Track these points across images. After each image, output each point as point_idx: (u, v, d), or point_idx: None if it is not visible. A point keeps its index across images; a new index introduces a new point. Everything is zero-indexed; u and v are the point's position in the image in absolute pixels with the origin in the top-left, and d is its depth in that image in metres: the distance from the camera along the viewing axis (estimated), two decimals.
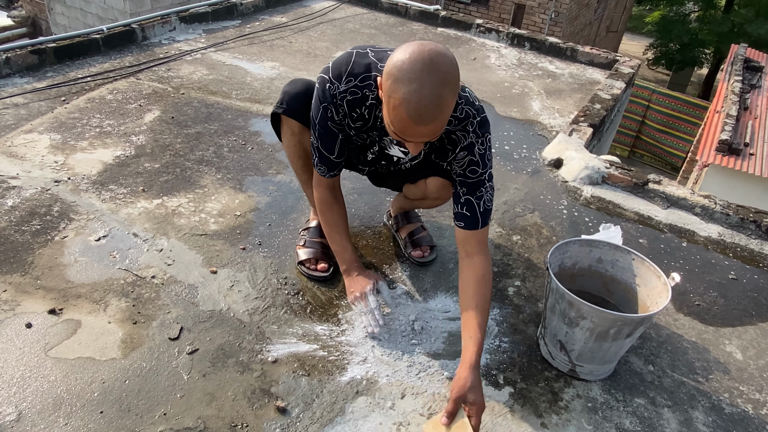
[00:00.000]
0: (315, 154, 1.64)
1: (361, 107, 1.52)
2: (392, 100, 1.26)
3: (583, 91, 3.78)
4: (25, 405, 1.35)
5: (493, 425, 1.45)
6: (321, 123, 1.57)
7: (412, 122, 1.26)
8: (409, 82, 1.23)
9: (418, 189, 1.81)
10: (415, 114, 1.24)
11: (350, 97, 1.50)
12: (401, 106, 1.25)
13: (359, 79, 1.48)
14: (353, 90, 1.49)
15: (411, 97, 1.23)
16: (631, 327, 1.48)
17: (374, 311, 1.66)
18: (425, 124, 1.26)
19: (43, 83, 2.88)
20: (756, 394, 1.65)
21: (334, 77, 1.50)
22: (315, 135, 1.60)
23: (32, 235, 1.88)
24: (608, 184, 2.63)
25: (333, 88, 1.50)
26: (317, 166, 1.67)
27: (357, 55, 1.50)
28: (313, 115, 1.58)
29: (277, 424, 1.38)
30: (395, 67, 1.25)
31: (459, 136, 1.50)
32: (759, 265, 2.22)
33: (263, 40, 3.96)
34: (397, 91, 1.24)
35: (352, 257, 1.76)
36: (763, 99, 6.87)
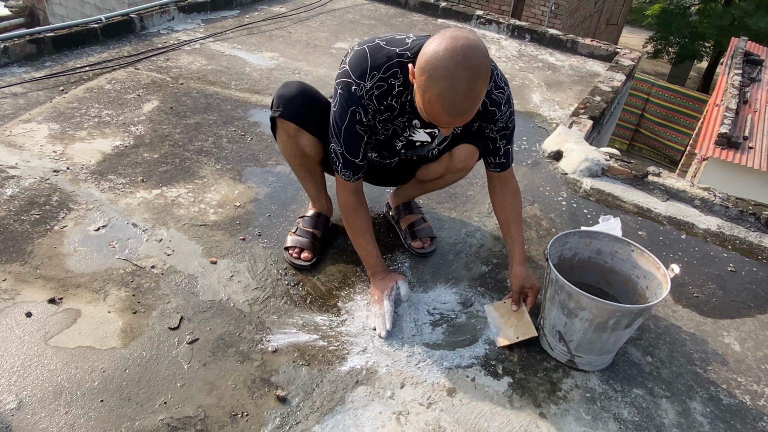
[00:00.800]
0: (339, 160, 1.61)
1: (389, 98, 1.52)
2: (427, 94, 1.30)
3: (583, 84, 3.78)
4: (26, 393, 1.36)
5: (492, 414, 1.45)
6: (348, 128, 1.54)
7: (446, 115, 1.32)
8: (443, 79, 1.26)
9: (440, 165, 1.80)
10: (450, 108, 1.30)
11: (377, 92, 1.50)
12: (436, 101, 1.29)
13: (382, 71, 1.48)
14: (379, 84, 1.49)
15: (446, 94, 1.28)
16: (630, 318, 1.48)
17: (385, 315, 1.65)
18: (459, 116, 1.32)
19: (42, 73, 2.87)
20: (754, 386, 1.65)
21: (357, 77, 1.48)
22: (339, 141, 1.57)
23: (31, 224, 1.87)
24: (608, 176, 2.63)
25: (359, 88, 1.49)
26: (342, 171, 1.63)
27: (371, 50, 1.49)
28: (337, 123, 1.55)
29: (277, 413, 1.39)
30: (429, 62, 1.28)
31: (497, 94, 1.59)
32: (758, 258, 2.23)
33: (262, 30, 3.94)
34: (431, 88, 1.28)
35: (377, 261, 1.75)
36: (762, 92, 6.87)
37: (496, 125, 1.64)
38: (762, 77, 7.37)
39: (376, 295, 1.70)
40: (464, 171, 1.81)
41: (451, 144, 1.75)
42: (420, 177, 1.91)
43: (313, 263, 1.85)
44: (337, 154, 1.61)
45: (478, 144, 1.72)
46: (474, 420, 1.44)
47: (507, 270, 1.96)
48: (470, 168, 1.80)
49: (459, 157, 1.73)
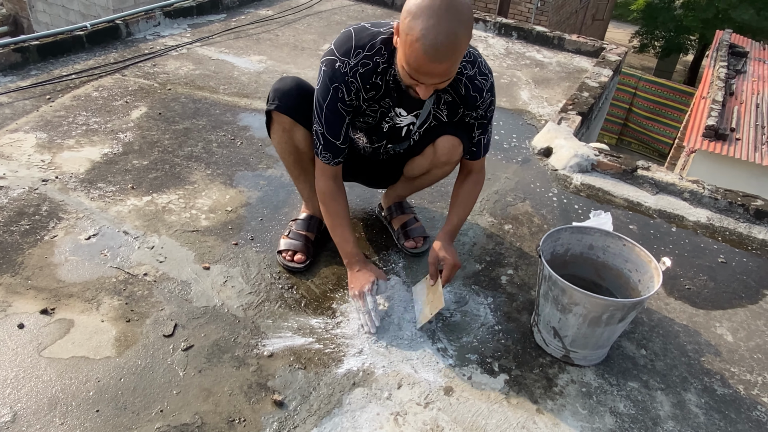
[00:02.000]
0: (319, 141, 1.63)
1: (373, 76, 1.54)
2: (409, 36, 1.31)
3: (570, 80, 3.80)
4: (20, 406, 1.35)
5: (490, 412, 1.46)
6: (330, 106, 1.56)
7: (427, 58, 1.31)
8: (427, 18, 1.28)
9: (424, 159, 1.79)
10: (431, 49, 1.29)
11: (362, 69, 1.52)
12: (418, 41, 1.29)
13: (367, 49, 1.51)
14: (364, 61, 1.51)
15: (428, 32, 1.28)
16: (623, 312, 1.49)
17: (371, 312, 1.65)
18: (439, 61, 1.32)
19: (28, 81, 2.84)
20: (747, 375, 1.67)
21: (342, 55, 1.51)
22: (320, 121, 1.59)
23: (21, 235, 1.86)
24: (597, 171, 2.64)
25: (343, 65, 1.51)
26: (322, 153, 1.65)
27: (356, 30, 1.53)
28: (319, 101, 1.57)
29: (274, 417, 1.39)
30: (414, 3, 1.30)
31: (480, 81, 1.59)
32: (747, 248, 2.25)
33: (249, 33, 3.93)
34: (414, 28, 1.29)
35: (353, 250, 1.74)
36: (748, 84, 6.93)
37: (476, 111, 1.64)
38: (747, 69, 7.44)
39: (357, 290, 1.69)
40: (449, 165, 1.79)
41: (435, 134, 1.73)
42: (407, 173, 1.91)
43: (307, 266, 1.84)
44: (318, 135, 1.63)
45: (461, 137, 1.71)
46: (472, 418, 1.44)
47: (501, 268, 1.97)
48: (455, 161, 1.77)
49: (442, 150, 1.72)
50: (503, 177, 2.54)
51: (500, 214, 2.26)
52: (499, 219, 2.24)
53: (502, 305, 1.81)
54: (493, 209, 2.29)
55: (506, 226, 2.20)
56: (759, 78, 7.18)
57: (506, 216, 2.26)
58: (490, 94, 1.63)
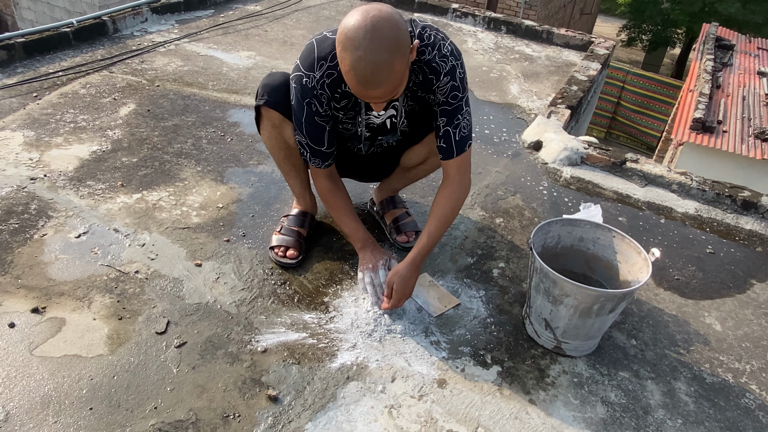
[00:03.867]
0: (305, 150, 1.66)
1: (341, 85, 1.54)
2: (343, 66, 1.34)
3: (559, 74, 3.81)
4: (12, 405, 1.34)
5: (483, 404, 1.47)
6: (307, 120, 1.59)
7: (362, 87, 1.34)
8: (353, 50, 1.29)
9: (423, 147, 1.80)
10: (363, 80, 1.32)
11: (328, 80, 1.52)
12: (350, 72, 1.32)
13: (329, 59, 1.51)
14: (329, 72, 1.51)
15: (356, 65, 1.30)
16: (614, 303, 1.51)
17: (382, 284, 1.69)
18: (374, 88, 1.33)
19: (14, 79, 2.81)
20: (735, 363, 1.70)
21: (306, 69, 1.53)
22: (302, 133, 1.62)
23: (10, 234, 1.84)
24: (587, 164, 2.66)
25: (309, 80, 1.53)
26: (310, 160, 1.69)
27: (318, 42, 1.53)
28: (297, 116, 1.60)
29: (269, 412, 1.39)
30: (342, 33, 1.32)
31: (439, 63, 1.53)
32: (735, 239, 2.28)
33: (238, 29, 3.91)
34: (344, 59, 1.32)
35: (365, 235, 1.79)
36: (734, 77, 7.00)
37: (435, 96, 1.57)
38: (733, 62, 7.51)
39: (371, 263, 1.73)
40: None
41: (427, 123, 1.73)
42: (404, 163, 1.91)
43: (299, 261, 1.84)
44: (303, 145, 1.66)
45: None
46: (465, 410, 1.45)
47: (492, 261, 1.98)
48: None
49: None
50: (494, 171, 2.55)
51: (491, 208, 2.28)
52: (490, 213, 2.25)
53: (494, 298, 1.82)
54: (484, 203, 2.30)
55: (497, 219, 2.21)
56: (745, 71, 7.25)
57: (497, 209, 2.27)
58: (449, 77, 1.53)
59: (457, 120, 1.60)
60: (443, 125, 1.61)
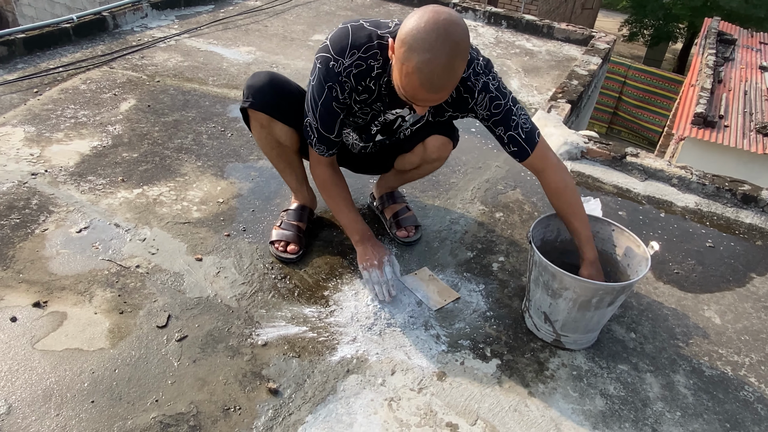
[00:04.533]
0: (313, 134, 1.61)
1: (367, 79, 1.51)
2: (405, 67, 1.29)
3: (560, 68, 3.81)
4: (15, 398, 1.35)
5: (482, 396, 1.48)
6: (324, 104, 1.54)
7: (423, 90, 1.31)
8: (423, 51, 1.26)
9: (414, 156, 1.80)
10: (428, 83, 1.29)
11: (356, 71, 1.49)
12: (414, 74, 1.28)
13: (362, 50, 1.47)
14: (358, 63, 1.48)
15: (424, 67, 1.27)
16: (613, 296, 1.51)
17: (389, 282, 1.70)
18: (436, 92, 1.32)
19: (14, 75, 2.81)
20: (734, 356, 1.70)
21: (336, 53, 1.47)
22: (315, 116, 1.57)
23: (12, 229, 1.85)
24: (587, 158, 2.66)
25: (337, 64, 1.48)
26: (316, 146, 1.64)
27: (354, 29, 1.48)
28: (314, 97, 1.54)
29: (269, 405, 1.40)
30: (410, 34, 1.27)
31: (473, 81, 1.53)
32: (735, 233, 2.28)
33: (238, 24, 3.90)
34: (410, 59, 1.27)
35: (363, 227, 1.78)
36: (736, 71, 6.98)
37: (476, 114, 1.59)
38: (735, 56, 7.49)
39: (375, 260, 1.72)
40: (439, 161, 1.81)
41: (424, 133, 1.74)
42: (398, 167, 1.91)
43: (300, 256, 1.85)
44: (312, 128, 1.61)
45: (451, 134, 1.74)
46: (465, 402, 1.46)
47: (492, 255, 1.99)
48: (445, 158, 1.80)
49: (432, 148, 1.74)
50: (494, 165, 2.55)
51: (491, 202, 2.28)
52: (490, 207, 2.25)
53: (494, 292, 1.83)
54: (484, 197, 2.30)
55: (497, 213, 2.21)
56: (747, 65, 7.22)
57: (497, 204, 2.27)
58: (484, 94, 1.54)
59: (513, 121, 1.58)
60: (503, 133, 1.59)
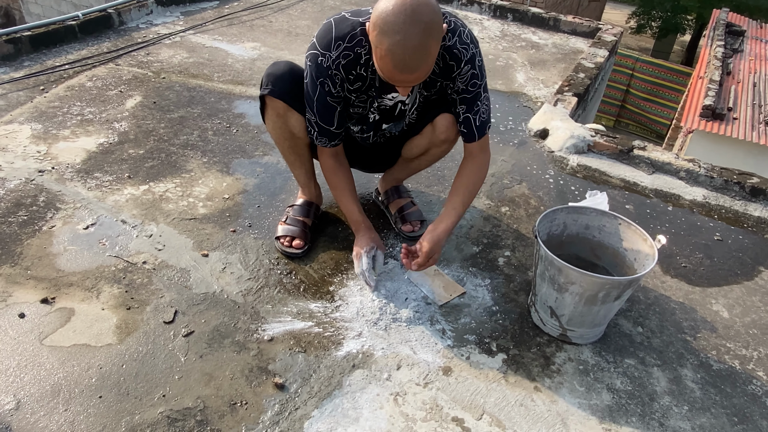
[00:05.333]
0: (314, 129, 1.66)
1: (357, 67, 1.53)
2: (378, 50, 1.33)
3: (566, 61, 3.78)
4: (24, 393, 1.36)
5: (488, 391, 1.48)
6: (319, 100, 1.59)
7: (398, 72, 1.34)
8: (393, 33, 1.29)
9: (423, 138, 1.79)
10: (401, 64, 1.32)
11: (344, 61, 1.52)
12: (387, 56, 1.32)
13: (347, 40, 1.50)
14: (345, 53, 1.51)
15: (395, 49, 1.30)
16: (619, 290, 1.51)
17: (365, 273, 1.71)
18: (410, 72, 1.34)
19: (21, 73, 2.83)
20: (743, 350, 1.69)
21: (323, 48, 1.51)
22: (312, 112, 1.62)
23: (19, 225, 1.86)
24: (594, 152, 2.65)
25: (325, 59, 1.51)
26: (317, 139, 1.69)
27: (336, 21, 1.52)
28: (309, 94, 1.59)
29: (276, 399, 1.40)
30: (380, 17, 1.30)
31: (460, 49, 1.54)
32: (743, 226, 2.26)
33: (243, 20, 3.90)
34: (382, 42, 1.31)
35: (359, 217, 1.80)
36: (745, 63, 6.91)
37: (454, 84, 1.60)
38: (744, 48, 7.41)
39: (357, 250, 1.76)
40: (447, 143, 1.79)
41: (431, 114, 1.73)
42: (405, 155, 1.91)
43: (305, 251, 1.85)
44: (311, 123, 1.66)
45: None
46: (470, 397, 1.46)
47: (498, 250, 1.98)
48: (453, 139, 1.77)
49: (441, 128, 1.72)
50: (500, 160, 2.54)
51: (497, 197, 2.27)
52: (496, 201, 2.24)
53: (500, 286, 1.82)
54: (490, 192, 2.30)
55: (503, 208, 2.21)
56: (756, 57, 7.15)
57: (503, 198, 2.27)
58: (470, 66, 1.56)
59: (477, 107, 1.64)
60: (463, 112, 1.65)
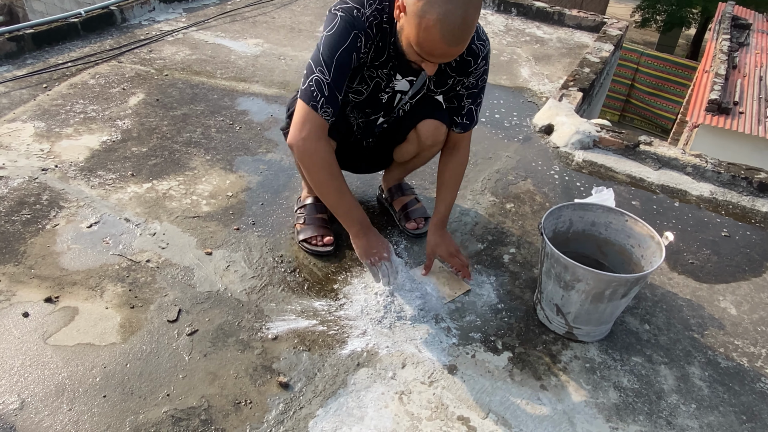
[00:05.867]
0: (322, 93, 1.43)
1: (379, 34, 1.47)
2: (425, 21, 1.25)
3: (571, 56, 3.75)
4: (28, 393, 1.36)
5: (494, 389, 1.47)
6: (344, 53, 1.42)
7: (444, 43, 1.28)
8: (443, 3, 1.23)
9: (410, 144, 1.78)
10: (449, 35, 1.26)
11: (375, 21, 1.45)
12: (435, 27, 1.25)
13: (378, 2, 1.44)
14: (375, 14, 1.44)
15: (446, 18, 1.24)
16: (626, 287, 1.49)
17: (397, 267, 1.66)
18: (456, 45, 1.29)
19: (24, 71, 2.82)
20: (751, 348, 1.67)
21: (357, 3, 1.43)
22: (328, 70, 1.43)
23: (23, 224, 1.86)
24: (599, 147, 2.63)
25: (360, 14, 1.42)
26: (323, 107, 1.44)
27: None
28: (333, 46, 1.42)
29: (280, 398, 1.40)
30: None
31: (478, 45, 1.55)
32: (751, 222, 2.24)
33: (245, 16, 3.89)
34: (429, 12, 1.24)
35: (363, 215, 1.60)
36: (751, 57, 6.85)
37: (468, 79, 1.60)
38: (750, 41, 7.35)
39: (384, 252, 1.61)
40: (436, 146, 1.77)
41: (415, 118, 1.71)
42: (397, 159, 1.90)
43: (335, 246, 1.84)
44: (322, 85, 1.43)
45: (442, 117, 1.70)
46: (476, 395, 1.45)
47: (503, 247, 1.97)
48: (441, 141, 1.75)
49: (426, 134, 1.71)
50: (504, 156, 2.52)
51: (502, 193, 2.25)
52: (501, 198, 2.23)
53: (505, 284, 1.81)
54: (495, 188, 2.28)
55: (508, 205, 2.19)
56: (762, 50, 7.09)
57: (508, 195, 2.25)
58: (485, 62, 1.58)
59: (479, 99, 1.69)
60: (468, 105, 1.67)
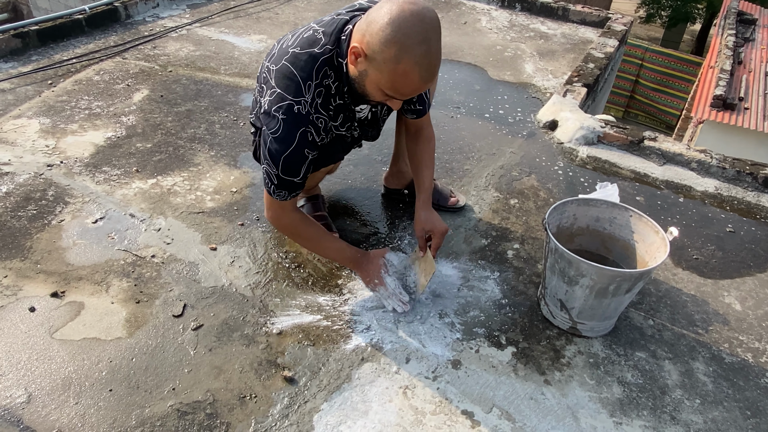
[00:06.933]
0: (272, 182, 1.47)
1: (331, 99, 1.45)
2: (401, 67, 1.24)
3: (576, 51, 3.74)
4: (35, 387, 1.37)
5: (497, 384, 1.47)
6: (294, 151, 1.41)
7: (423, 82, 1.28)
8: (418, 45, 1.22)
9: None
10: (427, 74, 1.27)
11: (320, 100, 1.42)
12: (413, 70, 1.25)
13: (315, 76, 1.39)
14: (318, 90, 1.41)
15: (423, 60, 1.24)
16: (630, 282, 1.49)
17: (395, 293, 1.63)
18: (432, 78, 1.30)
19: (29, 67, 2.83)
20: (755, 343, 1.67)
21: (294, 96, 1.38)
22: (276, 165, 1.43)
23: (29, 220, 1.87)
24: (604, 143, 2.62)
25: (302, 106, 1.39)
26: (275, 193, 1.50)
27: (291, 62, 1.39)
28: (278, 148, 1.41)
29: (285, 393, 1.40)
30: (399, 32, 1.21)
31: None
32: (756, 217, 2.23)
33: (249, 12, 3.89)
34: (406, 58, 1.23)
35: (352, 251, 1.68)
36: (757, 52, 6.81)
37: None
38: (756, 36, 7.30)
39: (376, 278, 1.65)
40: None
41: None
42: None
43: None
44: (271, 176, 1.47)
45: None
46: (480, 390, 1.45)
47: (507, 242, 1.97)
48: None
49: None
50: (508, 151, 2.52)
51: (506, 189, 2.25)
52: (505, 194, 2.22)
53: (509, 279, 1.81)
54: (499, 184, 2.28)
55: (512, 200, 2.19)
56: None
57: (512, 191, 2.25)
58: None
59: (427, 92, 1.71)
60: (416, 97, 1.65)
